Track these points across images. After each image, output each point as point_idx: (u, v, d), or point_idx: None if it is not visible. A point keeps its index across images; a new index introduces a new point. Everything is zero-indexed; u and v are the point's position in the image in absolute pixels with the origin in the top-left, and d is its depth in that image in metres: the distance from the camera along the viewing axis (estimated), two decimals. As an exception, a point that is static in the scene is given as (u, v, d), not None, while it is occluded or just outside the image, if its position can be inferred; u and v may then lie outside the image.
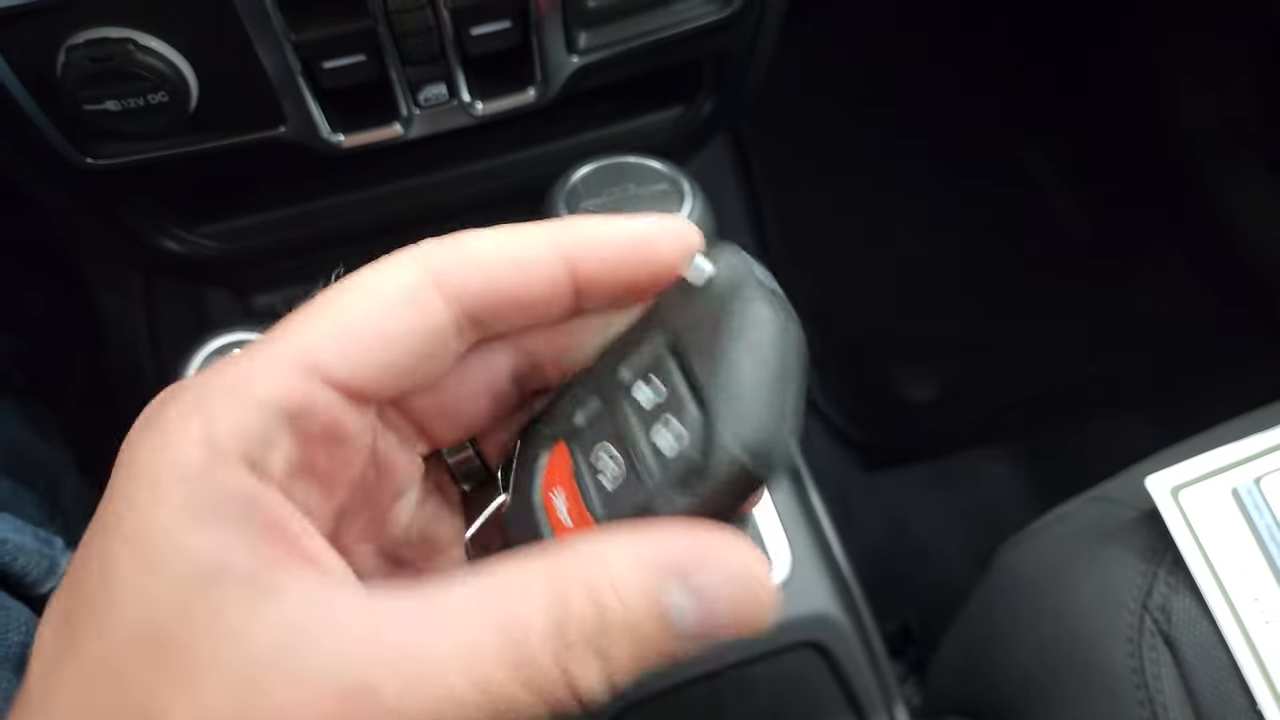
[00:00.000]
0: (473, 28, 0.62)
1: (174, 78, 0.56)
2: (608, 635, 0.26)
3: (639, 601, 0.26)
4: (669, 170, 0.59)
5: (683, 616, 0.27)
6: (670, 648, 0.27)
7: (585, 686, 0.26)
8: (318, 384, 0.29)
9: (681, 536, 0.28)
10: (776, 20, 0.75)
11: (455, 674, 0.25)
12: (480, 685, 0.25)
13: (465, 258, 0.31)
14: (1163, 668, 0.71)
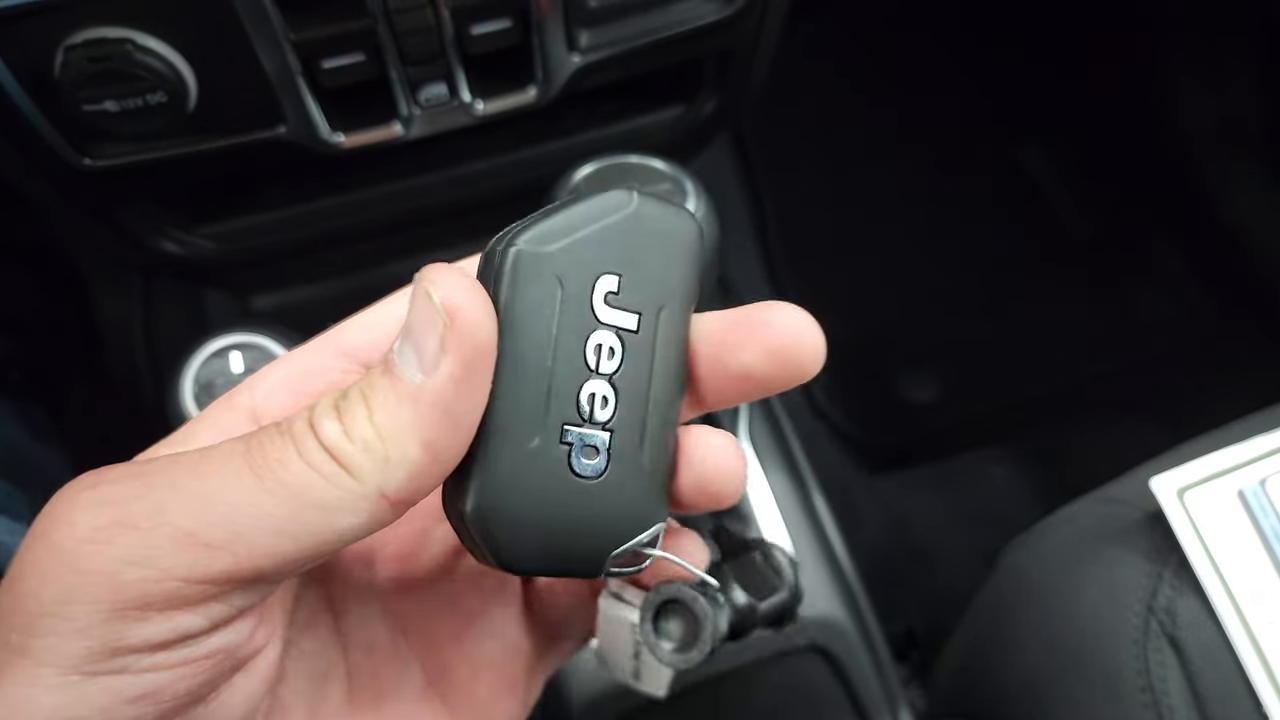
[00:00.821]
0: (473, 27, 0.62)
1: (173, 78, 0.55)
2: (348, 399, 0.30)
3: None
4: (672, 170, 0.58)
5: (401, 353, 0.30)
6: (419, 391, 0.29)
7: (321, 430, 0.29)
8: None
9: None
10: (779, 19, 0.74)
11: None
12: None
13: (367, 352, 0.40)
14: (1168, 669, 0.70)
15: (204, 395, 0.59)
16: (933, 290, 1.52)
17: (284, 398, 0.35)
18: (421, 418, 0.29)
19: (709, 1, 0.68)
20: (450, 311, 0.29)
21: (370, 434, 0.29)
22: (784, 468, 0.79)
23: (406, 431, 0.29)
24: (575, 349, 0.32)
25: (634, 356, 0.32)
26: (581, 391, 0.32)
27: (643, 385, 0.33)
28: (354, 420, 0.29)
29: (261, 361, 0.61)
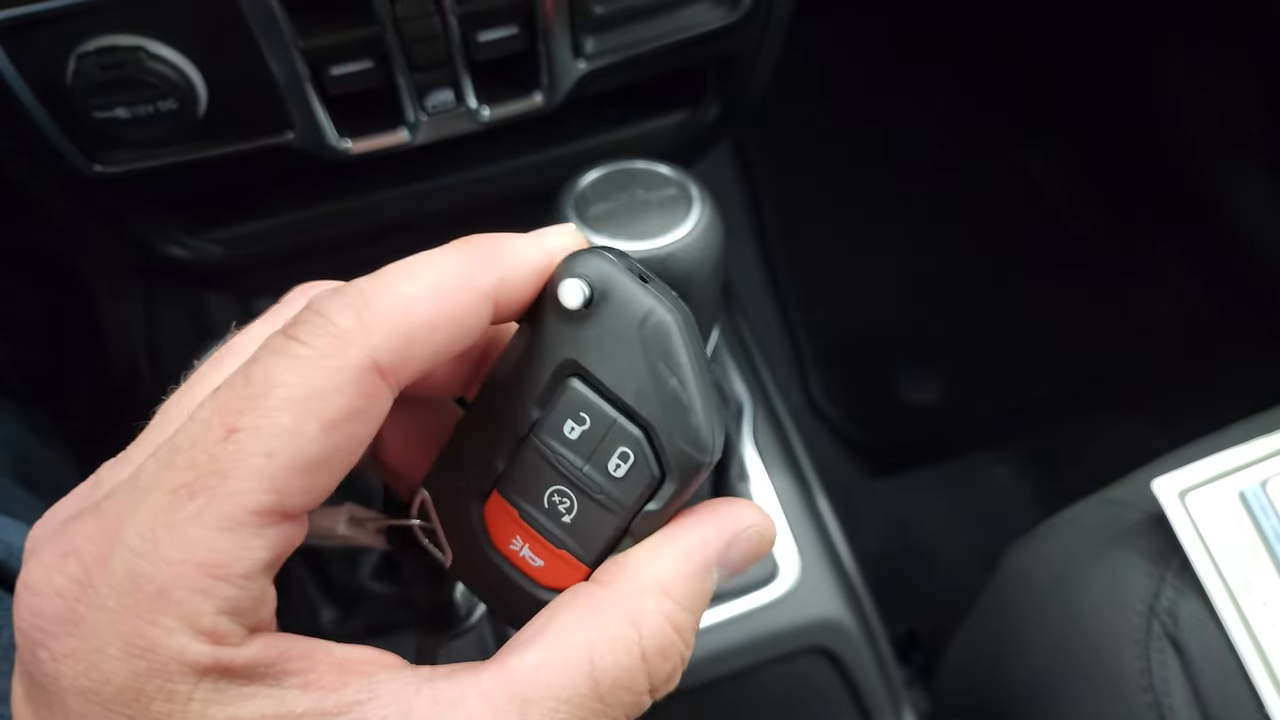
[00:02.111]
0: (480, 34, 0.62)
1: (183, 85, 0.56)
2: (687, 646, 0.31)
3: (698, 601, 0.31)
4: (677, 175, 0.58)
5: (719, 584, 0.32)
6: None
7: (668, 688, 0.31)
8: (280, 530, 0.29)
9: (701, 528, 0.32)
10: (782, 25, 0.75)
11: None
12: None
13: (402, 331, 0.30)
14: (1170, 670, 0.71)
15: (212, 399, 0.60)
16: (933, 291, 1.52)
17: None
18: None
19: (713, 8, 0.69)
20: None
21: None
22: (788, 470, 0.79)
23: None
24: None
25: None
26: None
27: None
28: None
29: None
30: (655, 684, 0.30)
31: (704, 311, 0.58)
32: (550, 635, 0.29)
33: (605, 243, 0.55)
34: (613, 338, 0.31)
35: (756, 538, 0.32)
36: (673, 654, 0.30)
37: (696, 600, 0.31)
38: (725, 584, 0.32)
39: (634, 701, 0.29)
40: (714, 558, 0.31)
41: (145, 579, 0.25)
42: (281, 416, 0.26)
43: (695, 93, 0.81)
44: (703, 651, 0.72)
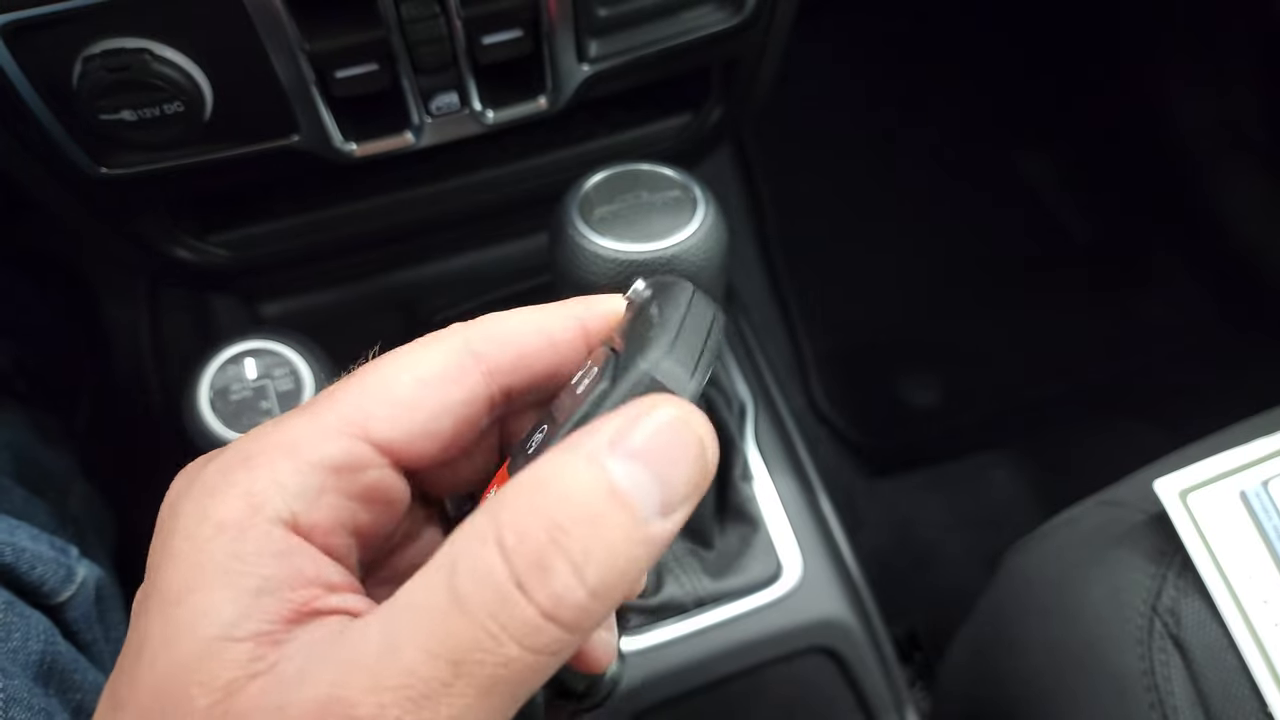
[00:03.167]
0: (484, 37, 0.63)
1: (189, 88, 0.56)
2: (567, 534, 0.25)
3: (584, 491, 0.26)
4: (681, 178, 0.59)
5: (634, 485, 0.26)
6: (647, 530, 0.26)
7: (558, 589, 0.25)
8: (367, 447, 0.31)
9: (604, 421, 0.27)
10: (785, 28, 0.75)
11: (414, 653, 0.25)
12: (438, 650, 0.25)
13: (501, 337, 0.33)
14: (1173, 670, 0.71)
15: (219, 401, 0.60)
16: (933, 294, 1.52)
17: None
18: (645, 562, 0.26)
19: (717, 11, 0.69)
20: (710, 463, 0.27)
21: (597, 584, 0.26)
22: (790, 471, 0.79)
23: (630, 578, 0.26)
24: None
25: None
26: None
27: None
28: (594, 565, 0.26)
29: (276, 368, 0.61)
30: (521, 574, 0.25)
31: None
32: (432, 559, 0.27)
33: (610, 244, 0.55)
34: (645, 312, 0.33)
35: (665, 419, 0.27)
36: (536, 539, 0.25)
37: (584, 490, 0.26)
38: (666, 500, 0.27)
39: (498, 598, 0.25)
40: (605, 444, 0.26)
41: (235, 451, 0.31)
42: (385, 368, 0.32)
43: (699, 95, 0.82)
44: (705, 651, 0.72)
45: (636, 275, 0.54)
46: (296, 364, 0.62)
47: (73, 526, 0.77)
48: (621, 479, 0.26)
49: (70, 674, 0.57)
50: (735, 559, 0.75)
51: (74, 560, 0.62)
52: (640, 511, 0.26)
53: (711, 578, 0.73)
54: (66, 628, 0.60)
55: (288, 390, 0.61)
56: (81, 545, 0.72)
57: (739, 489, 0.76)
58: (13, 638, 0.54)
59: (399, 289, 0.97)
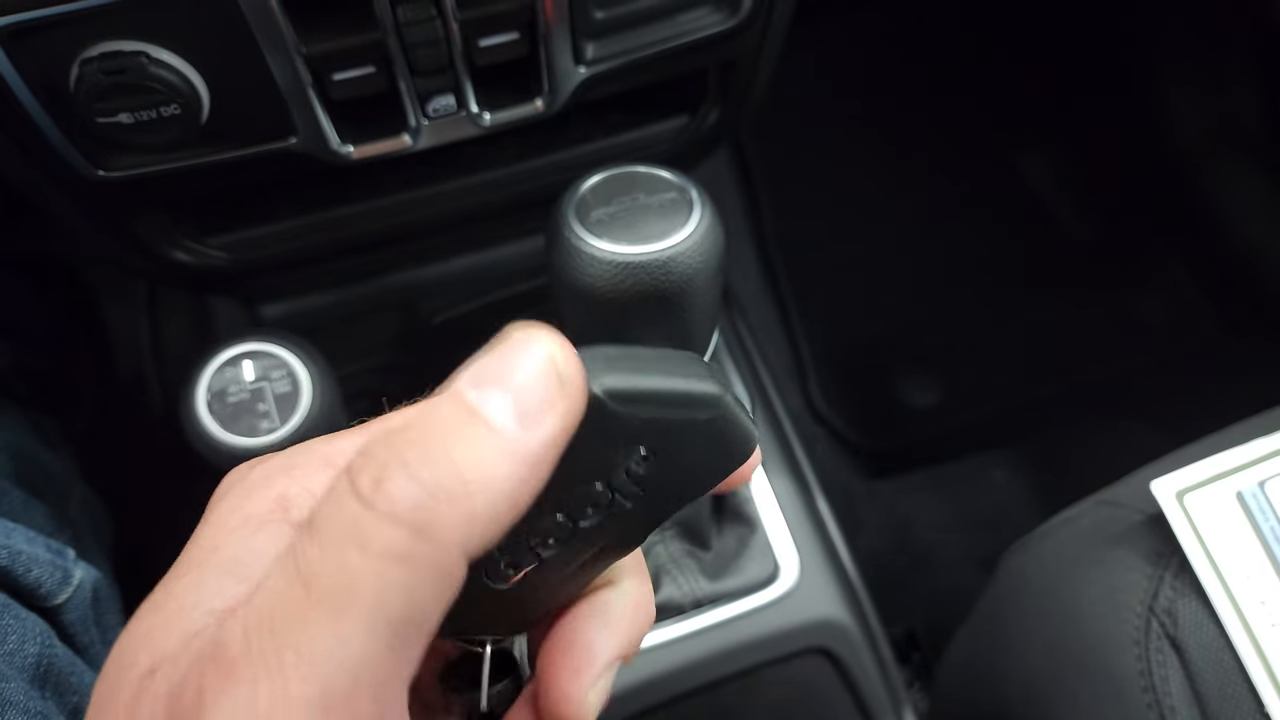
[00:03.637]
0: (481, 39, 0.63)
1: (186, 90, 0.56)
2: (411, 446, 0.26)
3: (438, 417, 0.26)
4: (678, 180, 0.59)
5: (484, 400, 0.26)
6: (504, 439, 0.26)
7: (392, 490, 0.25)
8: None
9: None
10: (782, 30, 0.75)
11: (274, 583, 0.25)
12: (294, 575, 0.25)
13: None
14: (1170, 670, 0.71)
15: (216, 403, 0.60)
16: (931, 295, 1.53)
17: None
18: (516, 472, 0.26)
19: (713, 13, 0.69)
20: (563, 374, 0.28)
21: (435, 483, 0.26)
22: (788, 472, 0.79)
23: (494, 488, 0.26)
24: (562, 493, 0.31)
25: (607, 521, 0.32)
26: (544, 520, 0.31)
27: (596, 543, 0.32)
28: (428, 465, 0.26)
29: (274, 370, 0.62)
30: (363, 487, 0.25)
31: (704, 315, 0.59)
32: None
33: (606, 246, 0.55)
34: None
35: (511, 341, 0.27)
36: (380, 458, 0.26)
37: (438, 417, 0.26)
38: (521, 412, 0.27)
39: (339, 513, 0.25)
40: (459, 382, 0.27)
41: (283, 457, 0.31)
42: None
43: (695, 98, 0.82)
44: (702, 653, 0.72)
45: (632, 277, 0.54)
46: (294, 366, 0.62)
47: (70, 529, 0.78)
48: (473, 398, 0.26)
49: (66, 677, 0.57)
50: (732, 560, 0.75)
51: (71, 563, 0.62)
52: (493, 421, 0.26)
53: (709, 579, 0.73)
54: (63, 630, 0.60)
55: (285, 392, 0.61)
56: (79, 548, 0.72)
57: (736, 491, 0.76)
58: (9, 640, 0.54)
59: (398, 290, 0.98)
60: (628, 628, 0.34)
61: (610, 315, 0.57)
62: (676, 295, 0.56)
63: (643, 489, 0.32)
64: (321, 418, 0.62)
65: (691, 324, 0.59)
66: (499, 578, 0.32)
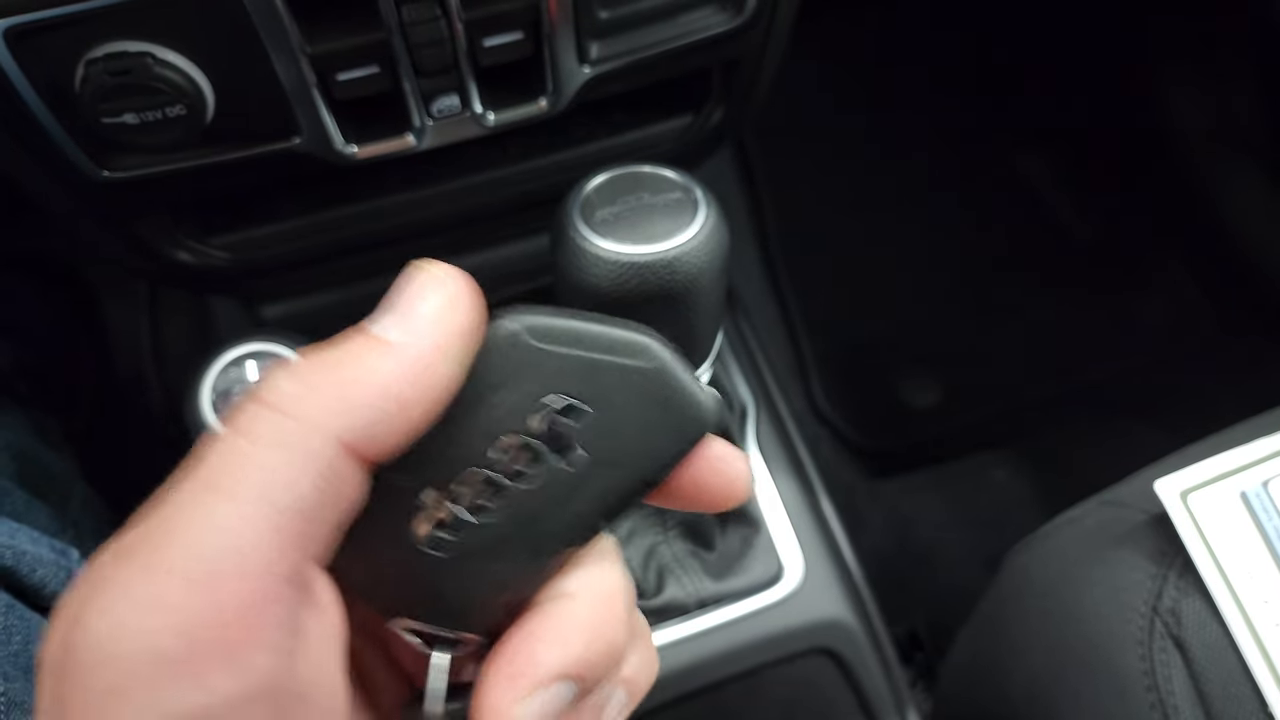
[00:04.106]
0: (485, 39, 0.63)
1: (191, 91, 0.56)
2: (307, 362, 0.29)
3: (341, 339, 0.30)
4: (682, 180, 0.59)
5: (377, 322, 0.30)
6: (381, 341, 0.30)
7: (268, 383, 0.29)
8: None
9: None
10: (785, 29, 0.75)
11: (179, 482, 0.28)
12: (195, 474, 0.28)
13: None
14: (1173, 670, 0.71)
15: (221, 403, 0.60)
16: (933, 295, 1.53)
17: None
18: (398, 368, 0.29)
19: (717, 12, 0.69)
20: (453, 294, 0.31)
21: (307, 373, 0.29)
22: (791, 473, 0.79)
23: (379, 377, 0.29)
24: (483, 438, 0.31)
25: (546, 487, 0.31)
26: (464, 476, 0.31)
27: (538, 514, 0.31)
28: (313, 369, 0.29)
29: (278, 370, 0.62)
30: (257, 393, 0.28)
31: (708, 315, 0.59)
32: None
33: (611, 246, 0.55)
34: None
35: (412, 272, 0.32)
36: (279, 373, 0.29)
37: (342, 344, 0.30)
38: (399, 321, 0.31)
39: (242, 415, 0.28)
40: (375, 311, 0.31)
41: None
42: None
43: (699, 97, 0.82)
44: (706, 653, 0.72)
45: (637, 277, 0.54)
46: (298, 367, 0.62)
47: (73, 529, 0.78)
48: (371, 328, 0.30)
49: None
50: (736, 560, 0.75)
51: (75, 563, 0.62)
52: (381, 333, 0.30)
53: (713, 579, 0.73)
54: None
55: (289, 393, 0.61)
56: (81, 548, 0.72)
57: (740, 490, 0.76)
58: (13, 640, 0.54)
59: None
60: (580, 642, 0.31)
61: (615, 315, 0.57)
62: (681, 295, 0.56)
63: (586, 450, 0.31)
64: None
65: (696, 324, 0.59)
66: (430, 541, 0.31)
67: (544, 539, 0.31)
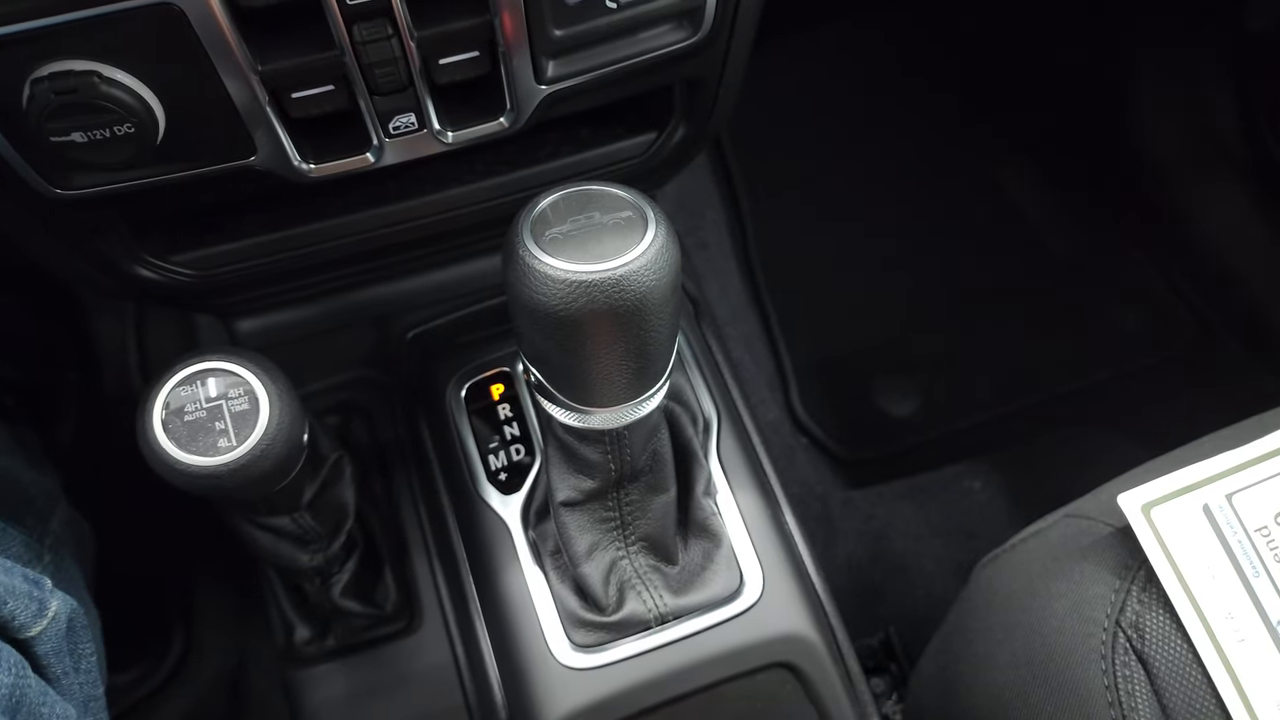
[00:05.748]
0: (441, 58, 0.63)
1: (140, 110, 0.56)
2: None
3: None
4: (633, 198, 0.59)
5: None
6: None
7: None
8: None
9: None
10: (746, 46, 0.75)
11: None
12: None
13: None
14: (1136, 685, 0.71)
15: (173, 421, 0.60)
16: (912, 306, 1.53)
17: None
18: None
19: (675, 30, 0.69)
20: None
21: None
22: (754, 486, 0.79)
23: None
24: None
25: None
26: None
27: None
28: None
29: (233, 388, 0.61)
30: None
31: (660, 332, 0.59)
32: None
33: (559, 265, 0.55)
34: None
35: None
36: None
37: None
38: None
39: None
40: None
41: None
42: None
43: (663, 114, 0.82)
44: (666, 668, 0.72)
45: (585, 296, 0.54)
46: (253, 384, 0.62)
47: (50, 554, 0.77)
48: None
49: (38, 708, 0.57)
50: (697, 574, 0.75)
51: (47, 593, 0.62)
52: None
53: (673, 594, 0.73)
54: (36, 661, 0.60)
55: (243, 411, 0.60)
56: (58, 571, 0.72)
57: (701, 504, 0.76)
58: None
59: (373, 305, 0.98)
60: None
61: (566, 335, 0.57)
62: (631, 313, 0.56)
63: None
64: (279, 437, 0.61)
65: (648, 342, 0.59)
66: None
67: None
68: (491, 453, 0.82)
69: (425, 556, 0.88)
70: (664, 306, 0.58)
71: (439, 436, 0.85)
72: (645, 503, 0.72)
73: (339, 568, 0.84)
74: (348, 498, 0.82)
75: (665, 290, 0.57)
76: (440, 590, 0.86)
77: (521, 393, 0.85)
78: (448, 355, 0.87)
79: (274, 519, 0.77)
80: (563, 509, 0.71)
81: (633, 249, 0.55)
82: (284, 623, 0.89)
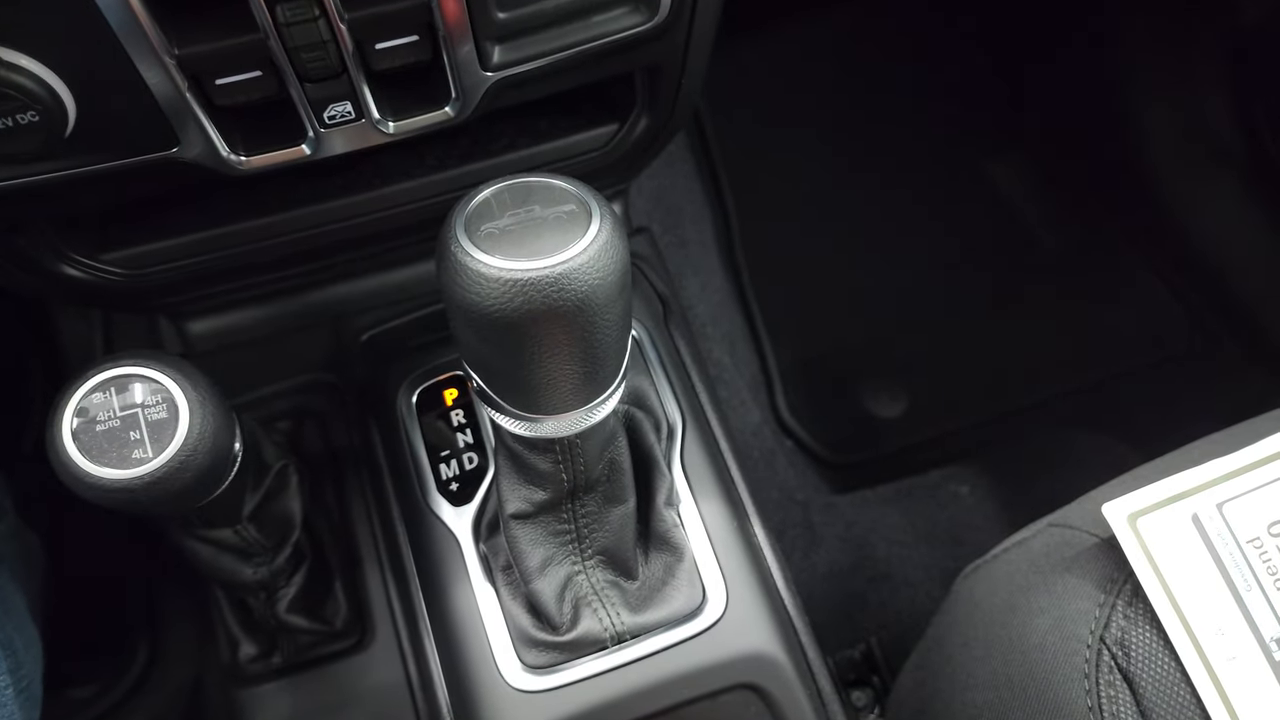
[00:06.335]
0: (376, 42, 0.59)
1: (45, 97, 0.52)
2: None
3: None
4: (578, 190, 0.55)
5: None
6: None
7: None
8: None
9: None
10: (708, 33, 0.72)
11: None
12: None
13: None
14: (1121, 706, 0.68)
15: (84, 431, 0.56)
16: (901, 306, 1.50)
17: None
18: None
19: (630, 14, 0.66)
20: None
21: None
22: (720, 495, 0.75)
23: None
24: None
25: None
26: None
27: None
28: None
29: (150, 395, 0.58)
30: None
31: (607, 335, 0.55)
32: None
33: (494, 262, 0.51)
34: None
35: None
36: None
37: None
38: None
39: None
40: None
41: None
42: None
43: (626, 104, 0.78)
44: (623, 689, 0.68)
45: (521, 295, 0.51)
46: (172, 391, 0.58)
47: None
48: None
49: None
50: (658, 590, 0.71)
51: None
52: None
53: (631, 611, 0.69)
54: None
55: (160, 419, 0.56)
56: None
57: (663, 515, 0.72)
58: None
59: (328, 305, 0.94)
60: None
61: (504, 337, 0.53)
62: (573, 314, 0.52)
63: None
64: (201, 447, 0.57)
65: (595, 344, 0.55)
66: None
67: None
68: (443, 461, 0.78)
69: (378, 569, 0.84)
70: (610, 307, 0.54)
71: (389, 443, 0.81)
72: (602, 514, 0.68)
73: (285, 581, 0.80)
74: (294, 508, 0.78)
75: (610, 289, 0.53)
76: (393, 605, 0.82)
77: (476, 398, 0.81)
78: (400, 358, 0.83)
79: (215, 531, 0.73)
80: (513, 521, 0.67)
81: (574, 245, 0.51)
82: (229, 639, 0.85)
